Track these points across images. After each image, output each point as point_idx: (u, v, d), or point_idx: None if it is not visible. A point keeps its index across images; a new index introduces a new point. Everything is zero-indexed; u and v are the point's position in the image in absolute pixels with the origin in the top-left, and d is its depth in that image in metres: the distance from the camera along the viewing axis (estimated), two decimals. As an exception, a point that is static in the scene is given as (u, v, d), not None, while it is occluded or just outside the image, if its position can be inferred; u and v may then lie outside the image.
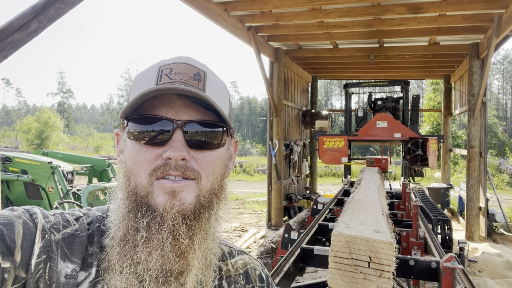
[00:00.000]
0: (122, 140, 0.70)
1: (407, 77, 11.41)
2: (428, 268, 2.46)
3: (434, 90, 22.64)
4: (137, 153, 0.64)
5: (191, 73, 0.67)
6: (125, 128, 0.67)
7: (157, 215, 0.62)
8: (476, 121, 7.18)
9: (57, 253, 0.61)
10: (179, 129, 0.64)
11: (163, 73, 0.66)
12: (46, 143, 32.19)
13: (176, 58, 0.70)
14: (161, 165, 0.63)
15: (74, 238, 0.64)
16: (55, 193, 5.94)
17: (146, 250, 0.62)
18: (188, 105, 0.66)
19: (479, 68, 7.17)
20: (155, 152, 0.64)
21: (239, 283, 0.78)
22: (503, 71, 66.34)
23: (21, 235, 0.58)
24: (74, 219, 0.67)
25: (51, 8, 2.68)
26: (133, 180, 0.65)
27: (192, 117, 0.66)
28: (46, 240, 0.60)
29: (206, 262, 0.69)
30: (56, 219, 0.64)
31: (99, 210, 0.72)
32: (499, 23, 5.80)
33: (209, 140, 0.67)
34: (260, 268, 0.85)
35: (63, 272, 0.60)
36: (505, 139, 41.35)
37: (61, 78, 58.75)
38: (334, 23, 6.74)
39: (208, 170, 0.66)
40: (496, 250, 6.23)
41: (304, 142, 10.80)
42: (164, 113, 0.64)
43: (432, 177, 16.28)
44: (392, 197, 5.36)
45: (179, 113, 0.65)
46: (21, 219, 0.60)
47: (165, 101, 0.65)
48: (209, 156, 0.67)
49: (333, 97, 72.21)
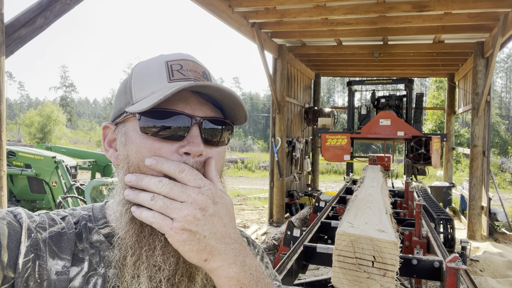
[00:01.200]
0: (121, 133, 0.68)
1: (411, 75, 11.37)
2: (431, 267, 2.47)
3: (438, 88, 22.58)
4: (150, 150, 0.63)
5: (200, 71, 0.68)
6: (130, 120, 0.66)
7: None
8: (479, 120, 7.16)
9: (45, 251, 0.61)
10: (197, 125, 0.64)
11: (174, 69, 0.66)
12: (48, 137, 32.26)
13: (179, 54, 0.70)
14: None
15: (61, 236, 0.64)
16: (58, 188, 5.97)
17: (164, 252, 0.62)
18: (202, 102, 0.67)
19: (483, 67, 7.14)
20: (170, 148, 0.63)
21: None
22: (506, 70, 66.00)
23: (7, 235, 0.58)
24: (60, 218, 0.66)
25: (57, 4, 2.68)
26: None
27: (207, 114, 0.67)
28: (33, 239, 0.60)
29: None
30: (41, 219, 0.64)
31: (84, 209, 0.72)
32: (505, 22, 5.77)
33: (217, 137, 0.68)
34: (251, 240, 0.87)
35: (54, 269, 0.60)
36: (507, 138, 41.21)
37: (63, 72, 58.80)
38: (338, 20, 6.71)
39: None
40: (498, 249, 6.23)
41: (307, 139, 10.80)
42: (181, 108, 0.64)
43: (434, 176, 16.26)
44: (395, 195, 5.36)
45: (196, 109, 0.65)
46: (5, 220, 0.60)
47: (179, 97, 0.65)
48: (216, 152, 0.68)
49: (335, 94, 72.05)
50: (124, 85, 0.70)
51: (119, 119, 0.69)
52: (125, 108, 0.67)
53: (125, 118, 0.67)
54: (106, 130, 0.72)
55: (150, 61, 0.70)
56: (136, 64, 0.72)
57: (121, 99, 0.70)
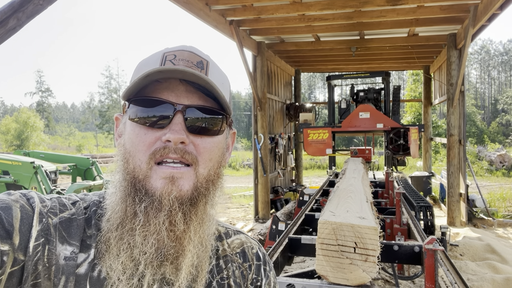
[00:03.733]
0: (122, 123, 0.71)
1: (388, 68, 11.58)
2: (411, 252, 2.55)
3: (415, 81, 23.08)
4: (137, 136, 0.65)
5: (195, 61, 0.68)
6: (126, 111, 0.69)
7: (155, 200, 0.63)
8: (455, 110, 7.36)
9: (55, 236, 0.62)
10: (179, 112, 0.65)
11: (167, 59, 0.67)
12: (26, 143, 31.43)
13: (180, 46, 0.71)
14: (160, 148, 0.64)
15: (71, 222, 0.65)
16: (38, 194, 5.85)
17: (143, 234, 0.63)
18: (190, 91, 0.67)
19: (456, 58, 7.34)
20: (154, 134, 0.65)
21: (236, 261, 0.80)
22: (480, 61, 67.87)
23: (19, 218, 0.59)
24: (70, 203, 0.68)
25: (29, 5, 2.64)
26: (131, 162, 0.65)
27: (193, 102, 0.67)
28: (44, 223, 0.61)
29: (202, 248, 0.70)
30: (53, 203, 0.65)
31: (95, 195, 0.73)
32: (475, 13, 5.94)
33: (208, 126, 0.68)
34: (257, 246, 0.86)
35: (62, 254, 0.62)
36: (483, 127, 42.44)
37: (39, 77, 57.16)
38: (315, 16, 6.78)
39: (205, 156, 0.67)
40: (477, 234, 6.44)
41: (289, 135, 10.87)
42: (165, 97, 0.66)
43: (415, 166, 16.63)
44: (376, 186, 5.47)
45: (181, 97, 0.66)
46: (19, 203, 0.61)
47: (167, 85, 0.66)
48: (207, 142, 0.68)
49: (316, 90, 72.62)
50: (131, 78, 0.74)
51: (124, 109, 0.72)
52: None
53: (125, 108, 0.71)
54: (117, 121, 0.75)
55: (153, 54, 0.72)
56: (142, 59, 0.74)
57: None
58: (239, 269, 0.80)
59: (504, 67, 67.34)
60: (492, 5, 5.22)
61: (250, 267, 0.82)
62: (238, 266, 0.80)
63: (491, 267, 4.84)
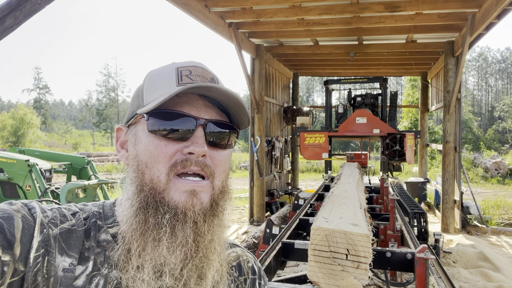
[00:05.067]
0: (132, 135, 0.71)
1: (385, 74, 11.63)
2: (404, 259, 2.55)
3: (412, 87, 23.17)
4: (156, 147, 0.66)
5: (208, 77, 0.71)
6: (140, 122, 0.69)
7: (179, 212, 0.64)
8: (451, 117, 7.40)
9: (55, 248, 0.62)
10: (201, 126, 0.67)
11: (183, 74, 0.69)
12: (22, 140, 31.28)
13: (190, 62, 0.73)
14: (182, 160, 0.65)
15: (71, 233, 0.65)
16: (32, 192, 5.82)
17: (168, 245, 0.63)
18: (208, 106, 0.70)
19: (454, 65, 7.38)
20: (175, 147, 0.66)
21: (231, 275, 0.80)
22: (478, 68, 68.28)
23: (21, 229, 0.59)
24: (70, 214, 0.68)
25: (27, 3, 2.63)
26: (148, 174, 0.65)
27: (212, 117, 0.69)
28: (45, 234, 0.61)
29: (223, 257, 0.72)
30: (53, 214, 0.65)
31: (95, 206, 0.73)
32: (472, 22, 5.98)
33: (224, 140, 0.71)
34: (253, 260, 0.86)
35: (61, 266, 0.61)
36: (480, 134, 42.66)
37: (37, 74, 57.01)
38: (314, 20, 6.81)
39: (220, 168, 0.70)
40: (470, 241, 6.46)
41: (286, 138, 10.88)
42: (187, 111, 0.67)
43: (410, 172, 16.69)
44: (371, 191, 5.48)
45: (201, 112, 0.68)
46: (20, 213, 0.61)
47: (187, 100, 0.68)
48: (222, 155, 0.70)
49: (314, 93, 72.80)
50: (137, 91, 0.74)
51: (131, 121, 0.72)
52: (136, 110, 0.70)
53: (136, 120, 0.71)
54: (119, 132, 0.76)
55: (162, 68, 0.73)
56: (149, 71, 0.74)
57: (134, 103, 0.73)
58: (235, 283, 0.80)
59: (501, 74, 67.78)
60: (490, 14, 5.25)
61: (245, 281, 0.82)
62: (233, 280, 0.80)
63: (484, 275, 4.86)
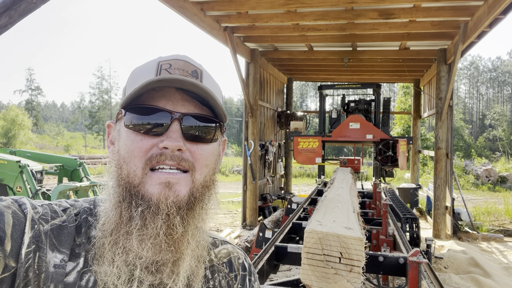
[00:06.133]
0: (116, 130, 0.71)
1: (379, 80, 11.72)
2: (396, 263, 2.56)
3: (405, 94, 23.37)
4: (133, 142, 0.66)
5: (189, 70, 0.70)
6: (121, 118, 0.69)
7: (152, 204, 0.63)
8: (443, 123, 7.48)
9: (46, 244, 0.61)
10: (176, 120, 0.66)
11: (163, 68, 0.68)
12: (13, 141, 30.94)
13: (174, 55, 0.72)
14: (156, 154, 0.65)
15: (62, 229, 0.64)
16: (23, 193, 5.75)
17: (140, 238, 0.63)
18: (186, 99, 0.68)
19: (446, 73, 7.47)
20: (151, 141, 0.65)
21: (222, 271, 0.80)
22: (469, 76, 69.14)
23: (11, 224, 0.59)
24: (61, 210, 0.67)
25: (22, 3, 2.61)
26: (125, 168, 0.66)
27: (189, 110, 0.68)
28: (36, 230, 0.61)
29: (197, 252, 0.71)
30: (44, 210, 0.65)
31: (86, 201, 0.73)
32: (465, 30, 6.07)
33: (204, 134, 0.69)
34: (243, 257, 0.87)
35: (52, 262, 0.61)
36: (471, 142, 43.13)
37: (29, 75, 56.53)
38: (309, 26, 6.86)
39: (202, 162, 0.69)
40: (461, 247, 6.51)
41: (279, 143, 10.90)
42: (162, 105, 0.66)
43: (402, 178, 16.78)
44: (364, 196, 5.51)
45: (177, 105, 0.67)
46: (10, 209, 0.60)
47: (164, 94, 0.67)
48: (203, 149, 0.69)
49: (308, 98, 73.09)
50: (124, 85, 0.74)
51: (117, 116, 0.72)
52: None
53: (119, 115, 0.71)
54: (109, 129, 0.75)
55: (147, 63, 0.72)
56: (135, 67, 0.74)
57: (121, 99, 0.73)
58: (225, 279, 0.80)
59: (492, 83, 68.70)
60: (482, 23, 5.34)
61: (236, 277, 0.82)
62: (224, 276, 0.80)
63: (474, 280, 4.89)
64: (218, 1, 5.85)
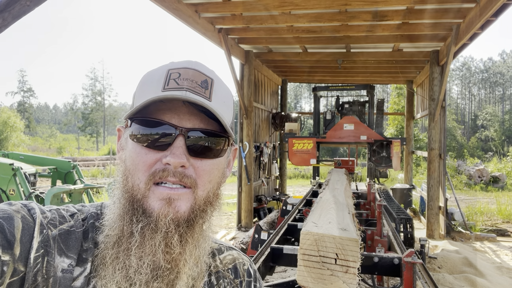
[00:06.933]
0: (124, 138, 0.71)
1: (372, 82, 11.79)
2: (391, 264, 2.58)
3: (398, 95, 23.55)
4: (138, 155, 0.65)
5: (199, 80, 0.67)
6: (128, 127, 0.68)
7: (152, 221, 0.63)
8: (436, 124, 7.54)
9: (54, 248, 0.62)
10: (181, 136, 0.65)
11: (171, 77, 0.66)
12: (5, 144, 30.61)
13: (185, 62, 0.70)
14: (159, 170, 0.64)
15: (69, 234, 0.65)
16: (16, 196, 5.70)
17: (138, 255, 0.63)
18: (193, 113, 0.67)
19: (439, 74, 7.54)
20: (155, 156, 0.65)
21: (227, 277, 0.80)
22: (462, 77, 69.79)
23: (20, 229, 0.59)
24: (69, 215, 0.68)
25: (16, 5, 2.60)
26: (130, 180, 0.66)
27: (195, 125, 0.66)
28: (44, 235, 0.61)
29: (197, 269, 0.71)
30: (52, 215, 0.65)
31: (93, 207, 0.73)
32: (457, 32, 6.14)
33: (209, 149, 0.68)
34: (248, 263, 0.87)
35: (60, 266, 0.62)
36: (463, 142, 43.50)
37: (21, 77, 56.01)
38: (303, 27, 6.88)
39: (205, 178, 0.67)
40: (455, 247, 6.56)
41: (274, 144, 10.91)
42: (168, 118, 0.65)
43: (396, 178, 16.89)
44: (358, 197, 5.54)
45: (183, 120, 0.66)
46: (20, 214, 0.61)
47: (170, 106, 0.66)
48: (207, 164, 0.67)
49: (302, 100, 73.27)
50: (134, 92, 0.72)
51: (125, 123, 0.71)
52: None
53: (127, 124, 0.70)
54: (119, 133, 0.75)
55: (157, 68, 0.70)
56: (146, 72, 0.72)
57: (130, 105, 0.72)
58: (230, 285, 0.80)
59: (484, 84, 69.40)
60: (474, 25, 5.40)
61: (241, 284, 0.82)
62: (229, 282, 0.80)
63: (468, 280, 4.94)
64: (212, 3, 5.86)
